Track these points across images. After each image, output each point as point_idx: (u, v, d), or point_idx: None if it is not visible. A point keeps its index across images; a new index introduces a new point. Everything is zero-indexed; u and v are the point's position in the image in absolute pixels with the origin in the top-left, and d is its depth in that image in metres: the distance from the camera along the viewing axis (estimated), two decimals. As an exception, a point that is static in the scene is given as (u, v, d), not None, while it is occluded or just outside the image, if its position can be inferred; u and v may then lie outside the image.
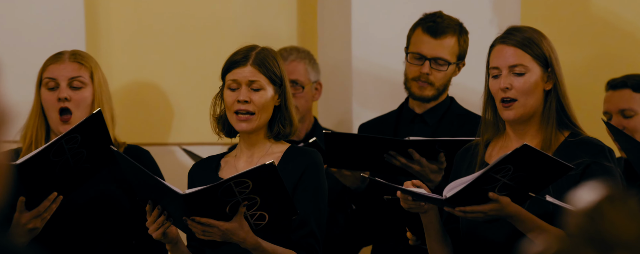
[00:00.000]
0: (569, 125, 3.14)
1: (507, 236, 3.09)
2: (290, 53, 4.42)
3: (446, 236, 3.17)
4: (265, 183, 3.07)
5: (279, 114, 3.33)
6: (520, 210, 2.99)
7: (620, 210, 1.75)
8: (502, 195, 2.97)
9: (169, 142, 4.81)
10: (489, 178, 2.94)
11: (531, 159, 2.92)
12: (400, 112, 4.14)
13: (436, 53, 4.01)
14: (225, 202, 3.08)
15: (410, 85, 4.05)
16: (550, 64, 3.14)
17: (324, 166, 3.34)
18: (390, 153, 3.74)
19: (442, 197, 2.99)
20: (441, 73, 4.02)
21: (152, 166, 3.70)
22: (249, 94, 3.28)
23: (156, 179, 3.07)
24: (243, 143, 3.36)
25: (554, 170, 2.96)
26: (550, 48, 3.15)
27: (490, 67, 3.17)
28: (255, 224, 3.13)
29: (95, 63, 3.72)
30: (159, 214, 3.13)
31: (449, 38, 4.02)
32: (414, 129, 4.05)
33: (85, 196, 3.62)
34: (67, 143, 3.32)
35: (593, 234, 1.75)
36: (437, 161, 3.74)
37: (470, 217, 3.00)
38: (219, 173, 3.36)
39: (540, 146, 3.10)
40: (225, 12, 4.86)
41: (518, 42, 3.13)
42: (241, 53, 3.32)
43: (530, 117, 3.15)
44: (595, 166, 3.06)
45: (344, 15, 4.73)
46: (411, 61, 4.04)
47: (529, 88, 3.11)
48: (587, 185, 2.04)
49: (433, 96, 4.04)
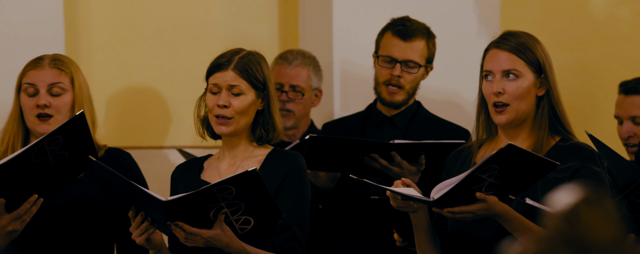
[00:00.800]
0: (561, 131, 3.16)
1: (493, 233, 3.12)
2: (296, 58, 4.45)
3: (435, 237, 3.20)
4: (249, 189, 3.07)
5: (261, 118, 3.33)
6: (508, 209, 3.01)
7: (597, 213, 1.76)
8: (488, 194, 2.99)
9: (150, 145, 4.80)
10: (476, 178, 2.96)
11: (516, 158, 2.94)
12: (367, 113, 4.19)
13: (406, 56, 4.08)
14: (208, 208, 3.09)
15: (381, 89, 4.11)
16: (544, 70, 3.16)
17: (306, 170, 3.35)
18: (372, 155, 3.78)
19: (430, 198, 3.01)
20: (411, 76, 4.08)
21: (133, 168, 3.69)
22: (229, 99, 3.28)
23: (137, 187, 3.07)
24: (225, 145, 3.37)
25: (540, 168, 2.99)
26: (544, 54, 3.18)
27: (483, 70, 3.19)
28: (240, 228, 3.14)
29: (76, 68, 3.70)
30: (142, 220, 3.13)
31: (419, 41, 4.08)
32: (383, 131, 4.10)
33: (65, 199, 3.61)
34: (48, 145, 3.31)
35: (570, 236, 1.76)
36: (417, 163, 3.79)
37: (459, 217, 3.03)
38: (202, 175, 3.37)
39: (531, 149, 3.12)
40: (206, 15, 4.86)
41: (512, 47, 3.16)
42: (225, 57, 3.32)
43: (522, 121, 3.17)
44: (585, 170, 3.09)
45: (325, 18, 4.75)
46: (382, 65, 4.10)
47: (521, 93, 3.14)
48: (564, 188, 2.05)
49: (403, 101, 4.11)
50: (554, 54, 4.33)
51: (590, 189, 1.80)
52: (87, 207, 3.63)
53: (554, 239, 1.78)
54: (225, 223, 3.13)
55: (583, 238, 1.75)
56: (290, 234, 3.26)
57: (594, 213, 1.76)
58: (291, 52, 4.51)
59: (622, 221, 1.81)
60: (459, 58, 4.69)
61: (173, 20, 4.83)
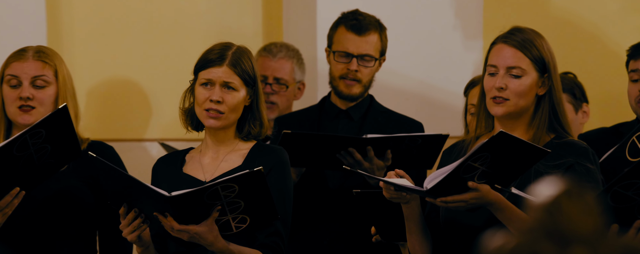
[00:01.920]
0: (558, 129, 3.17)
1: (485, 221, 3.13)
2: (280, 50, 4.46)
3: (427, 229, 3.20)
4: (252, 189, 3.08)
5: (249, 114, 3.33)
6: (500, 198, 3.03)
7: (578, 205, 1.77)
8: (480, 182, 3.00)
9: (131, 138, 4.79)
10: (468, 166, 2.97)
11: (508, 146, 2.95)
12: (322, 106, 4.21)
13: (362, 51, 4.12)
14: (209, 205, 3.10)
15: (338, 83, 4.14)
16: (549, 70, 3.16)
17: (289, 164, 3.35)
18: (350, 150, 3.80)
19: (423, 188, 3.01)
20: (368, 70, 4.12)
21: (117, 161, 3.68)
22: (222, 94, 3.28)
23: (139, 182, 3.07)
24: (210, 139, 3.36)
25: (531, 156, 3.00)
26: (550, 54, 3.19)
27: (488, 64, 3.19)
28: (236, 226, 3.15)
29: (59, 61, 3.69)
30: (134, 217, 3.13)
31: (372, 34, 4.12)
32: (339, 124, 4.13)
33: (47, 192, 3.60)
34: (31, 138, 3.30)
35: (551, 228, 1.77)
36: (384, 159, 3.81)
37: (452, 207, 3.03)
38: (184, 168, 3.36)
39: None
40: (189, 8, 4.85)
41: (519, 43, 3.16)
42: (217, 52, 3.32)
43: (518, 116, 3.18)
44: (578, 166, 3.11)
45: (309, 12, 4.74)
46: (338, 60, 4.14)
47: (523, 91, 3.15)
48: (546, 180, 2.06)
49: (360, 93, 4.14)
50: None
51: (571, 181, 1.80)
52: (69, 200, 3.62)
53: (535, 231, 1.79)
54: (223, 220, 3.13)
55: (564, 230, 1.76)
56: (272, 230, 3.26)
57: (574, 205, 1.77)
58: (275, 44, 4.51)
59: (603, 213, 1.82)
60: (437, 53, 4.70)
61: (156, 13, 4.82)
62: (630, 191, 2.95)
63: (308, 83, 4.68)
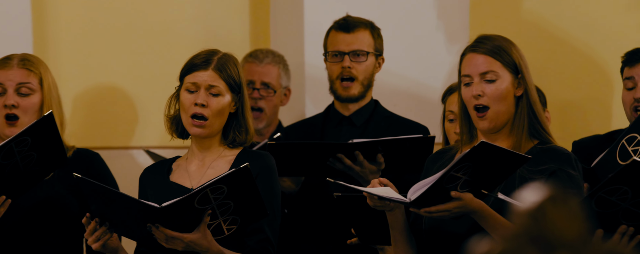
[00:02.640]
0: (540, 132, 3.19)
1: (469, 228, 3.14)
2: (266, 56, 4.48)
3: (411, 236, 3.21)
4: (240, 187, 3.09)
5: (234, 121, 3.33)
6: (483, 206, 3.04)
7: (562, 211, 1.77)
8: (463, 191, 3.01)
9: (117, 146, 4.78)
10: (451, 177, 2.98)
11: (489, 155, 2.96)
12: (327, 114, 4.22)
13: (352, 47, 4.15)
14: (200, 210, 3.10)
15: (336, 87, 4.17)
16: (520, 70, 3.19)
17: (276, 170, 3.35)
18: (338, 156, 3.81)
19: (406, 199, 3.02)
20: (362, 66, 4.13)
21: (103, 169, 3.68)
22: (207, 98, 3.28)
23: (128, 197, 3.07)
24: (196, 146, 3.36)
25: (512, 163, 3.01)
26: (520, 55, 3.22)
27: (461, 75, 3.22)
28: (227, 229, 3.15)
29: (45, 68, 3.68)
30: (98, 225, 3.13)
31: (362, 31, 4.16)
32: (342, 131, 4.14)
33: (33, 199, 3.58)
34: (16, 146, 3.29)
35: (535, 234, 1.77)
36: (376, 163, 3.81)
37: (436, 216, 3.05)
38: (170, 177, 3.36)
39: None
40: (176, 15, 4.84)
41: (488, 50, 3.19)
42: (203, 57, 3.32)
43: (503, 125, 3.20)
44: (561, 173, 3.13)
45: (297, 18, 4.75)
46: (331, 60, 4.18)
47: (500, 94, 3.17)
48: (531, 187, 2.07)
49: (360, 93, 4.14)
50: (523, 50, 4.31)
51: (555, 187, 1.80)
52: (55, 208, 3.61)
53: (519, 237, 1.79)
54: (214, 224, 3.13)
55: (548, 236, 1.76)
56: (262, 236, 3.26)
57: (559, 211, 1.77)
58: (261, 50, 4.53)
59: (587, 219, 1.82)
60: (425, 57, 4.70)
61: (143, 19, 4.81)
62: (614, 197, 2.95)
63: (296, 89, 4.68)
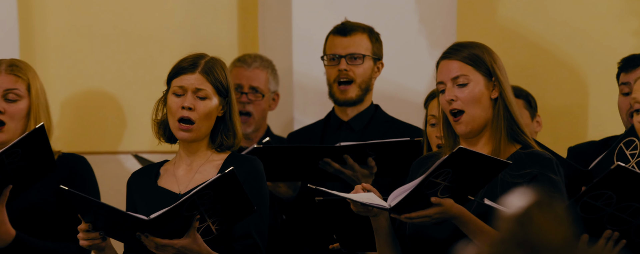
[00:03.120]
0: (519, 134, 3.21)
1: (451, 234, 3.16)
2: (254, 60, 4.49)
3: (396, 241, 3.23)
4: (226, 191, 3.09)
5: (222, 125, 3.33)
6: (464, 211, 3.06)
7: (548, 215, 1.79)
8: (444, 197, 3.03)
9: (105, 151, 4.78)
10: (430, 183, 3.00)
11: (468, 160, 2.98)
12: (327, 120, 4.24)
13: (349, 50, 4.17)
14: (188, 217, 3.11)
15: (334, 90, 4.18)
16: (494, 73, 3.21)
17: (264, 174, 3.35)
18: (325, 160, 3.81)
19: (387, 206, 3.04)
20: (359, 69, 4.15)
21: (87, 174, 3.67)
22: (194, 102, 3.28)
23: (116, 209, 3.08)
24: (183, 151, 3.36)
25: (492, 168, 3.03)
26: (492, 58, 3.25)
27: (437, 82, 3.25)
28: (217, 229, 3.16)
29: (33, 74, 3.67)
30: (91, 230, 3.14)
31: (359, 35, 4.18)
32: (340, 136, 4.15)
33: (21, 205, 3.58)
34: (7, 158, 3.29)
35: (522, 238, 1.78)
36: (368, 166, 3.82)
37: (417, 222, 3.06)
38: (158, 181, 3.35)
39: (490, 154, 3.17)
40: (165, 19, 4.85)
41: (460, 55, 3.24)
42: (190, 61, 3.32)
43: (482, 129, 3.22)
44: (542, 177, 3.15)
45: (285, 23, 4.76)
46: (329, 64, 4.20)
47: (473, 98, 3.20)
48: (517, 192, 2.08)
49: (357, 97, 4.15)
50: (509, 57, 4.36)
51: (541, 192, 1.82)
52: (43, 214, 3.60)
53: (506, 242, 1.80)
54: (203, 226, 3.14)
55: (534, 241, 1.77)
56: (251, 242, 3.27)
57: (545, 215, 1.78)
58: (249, 55, 4.54)
59: (573, 224, 1.83)
60: (413, 61, 4.72)
61: (131, 23, 4.81)
62: (599, 202, 2.97)
63: (284, 94, 4.69)
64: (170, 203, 3.10)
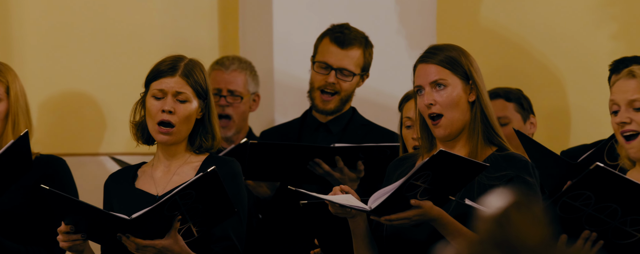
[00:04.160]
0: (495, 137, 3.23)
1: (429, 235, 3.17)
2: (232, 63, 4.47)
3: (373, 243, 3.24)
4: (208, 190, 3.09)
5: (201, 127, 3.33)
6: (443, 214, 3.08)
7: (526, 216, 1.80)
8: (423, 199, 3.04)
9: (84, 152, 4.77)
10: (410, 185, 3.01)
11: (448, 163, 3.00)
12: (303, 119, 4.22)
13: (342, 64, 4.13)
14: (170, 217, 3.10)
15: (315, 95, 4.16)
16: (471, 76, 3.23)
17: (242, 176, 3.35)
18: (316, 160, 3.81)
19: (367, 207, 3.05)
20: (346, 84, 4.14)
21: (64, 175, 3.65)
22: (174, 105, 3.28)
23: (97, 209, 3.07)
24: (161, 153, 3.35)
25: (471, 171, 3.05)
26: (469, 61, 3.26)
27: (414, 86, 3.26)
28: (198, 231, 3.16)
29: (13, 77, 3.65)
30: (72, 232, 3.13)
31: (356, 49, 4.14)
32: (318, 137, 4.14)
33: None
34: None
35: (501, 239, 1.79)
36: (356, 170, 3.81)
37: (396, 224, 3.08)
38: (136, 183, 3.35)
39: (467, 156, 3.18)
40: (145, 21, 4.84)
41: (437, 59, 3.25)
42: (169, 63, 3.31)
43: (460, 132, 3.23)
44: (518, 179, 3.17)
45: (266, 25, 4.76)
46: (317, 70, 4.16)
47: (451, 101, 3.22)
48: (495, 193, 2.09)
49: (336, 108, 4.15)
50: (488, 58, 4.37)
51: (520, 193, 1.83)
52: (17, 217, 3.58)
53: (485, 243, 1.81)
54: (184, 228, 3.14)
55: (513, 241, 1.78)
56: (229, 243, 3.27)
57: (523, 216, 1.79)
58: (227, 57, 4.52)
59: (551, 224, 1.85)
60: (396, 64, 4.73)
61: (110, 24, 4.80)
62: (578, 202, 2.99)
63: (264, 95, 4.68)
64: (147, 205, 3.10)
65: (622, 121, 3.16)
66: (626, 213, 3.00)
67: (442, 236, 3.11)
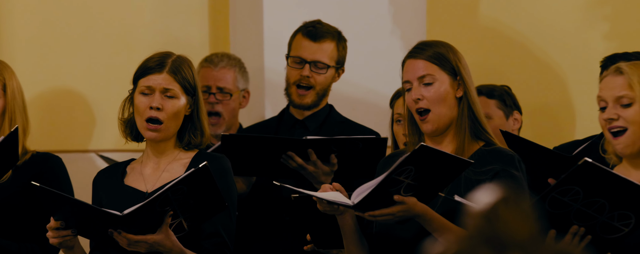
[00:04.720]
0: (482, 133, 3.25)
1: (416, 233, 3.18)
2: (221, 60, 4.47)
3: (363, 239, 3.24)
4: (199, 186, 3.10)
5: (189, 124, 3.34)
6: (427, 210, 3.08)
7: (514, 211, 1.81)
8: (407, 195, 3.05)
9: (74, 149, 4.77)
10: (393, 180, 3.01)
11: (430, 158, 3.00)
12: (281, 117, 4.24)
13: (315, 57, 4.15)
14: (162, 212, 3.11)
15: (291, 91, 4.17)
16: (459, 72, 3.25)
17: (232, 172, 3.36)
18: (289, 153, 3.81)
19: (350, 203, 3.05)
20: (321, 77, 4.15)
21: (60, 173, 3.65)
22: (162, 101, 3.28)
23: (89, 206, 3.07)
24: (150, 150, 3.35)
25: (454, 167, 3.05)
26: (457, 57, 3.28)
27: (402, 81, 3.28)
28: (188, 225, 3.16)
29: (10, 74, 3.64)
30: (62, 228, 3.13)
31: (328, 42, 4.16)
32: (294, 134, 4.15)
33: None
34: None
35: (489, 234, 1.80)
36: (329, 163, 3.83)
37: (380, 220, 3.08)
38: (125, 180, 3.35)
39: (454, 152, 3.20)
40: (135, 17, 4.84)
41: (425, 55, 3.27)
42: (156, 60, 3.32)
43: (448, 127, 3.24)
44: (504, 173, 3.19)
45: (256, 22, 4.76)
46: (292, 65, 4.18)
47: (439, 97, 3.23)
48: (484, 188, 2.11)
49: (313, 103, 4.15)
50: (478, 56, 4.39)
51: (508, 189, 1.84)
52: (12, 214, 3.58)
53: (473, 238, 1.82)
54: (175, 222, 3.14)
55: (501, 236, 1.79)
56: (220, 240, 3.27)
57: (511, 211, 1.80)
58: (216, 54, 4.52)
59: (540, 219, 1.86)
60: (381, 62, 4.74)
61: (100, 21, 4.80)
62: (567, 197, 3.00)
63: (255, 93, 4.69)
64: (137, 202, 3.10)
65: (610, 117, 3.18)
66: (614, 207, 3.02)
67: (429, 235, 3.11)
